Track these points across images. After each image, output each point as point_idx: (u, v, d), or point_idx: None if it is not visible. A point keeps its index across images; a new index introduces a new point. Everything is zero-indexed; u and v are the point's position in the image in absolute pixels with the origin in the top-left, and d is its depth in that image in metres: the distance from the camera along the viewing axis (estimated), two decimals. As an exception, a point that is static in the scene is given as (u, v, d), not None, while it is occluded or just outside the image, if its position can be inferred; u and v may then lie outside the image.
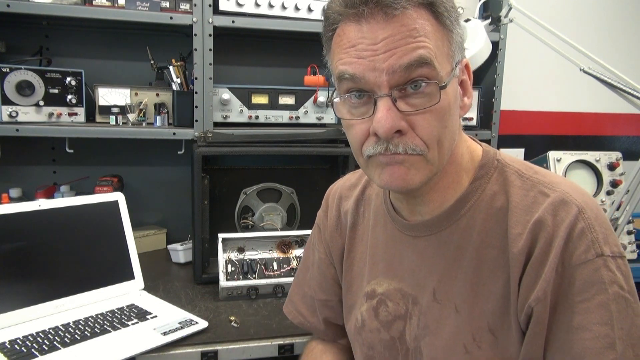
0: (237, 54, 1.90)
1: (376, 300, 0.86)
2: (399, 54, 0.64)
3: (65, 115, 1.52)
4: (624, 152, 1.81)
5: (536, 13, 1.49)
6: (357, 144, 0.72)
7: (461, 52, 0.71)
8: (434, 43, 0.65)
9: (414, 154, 0.67)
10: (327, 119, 1.73)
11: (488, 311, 0.72)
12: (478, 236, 0.74)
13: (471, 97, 0.75)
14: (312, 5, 1.63)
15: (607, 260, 0.66)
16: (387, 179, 0.70)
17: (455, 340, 0.74)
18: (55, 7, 1.45)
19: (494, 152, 0.79)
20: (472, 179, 0.76)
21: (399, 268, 0.83)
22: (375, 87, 0.66)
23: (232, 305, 1.32)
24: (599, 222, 0.68)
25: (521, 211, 0.71)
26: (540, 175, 0.74)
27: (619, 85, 1.39)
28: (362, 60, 0.65)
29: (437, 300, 0.77)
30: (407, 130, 0.67)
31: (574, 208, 0.68)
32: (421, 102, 0.66)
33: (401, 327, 0.82)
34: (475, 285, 0.73)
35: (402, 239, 0.83)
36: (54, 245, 1.23)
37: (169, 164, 1.89)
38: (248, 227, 1.57)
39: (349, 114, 0.71)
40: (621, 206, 1.49)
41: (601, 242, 0.66)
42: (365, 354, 0.88)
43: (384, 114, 0.65)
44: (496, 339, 0.71)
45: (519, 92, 2.23)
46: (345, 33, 0.67)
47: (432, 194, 0.77)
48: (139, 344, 1.07)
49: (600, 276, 0.65)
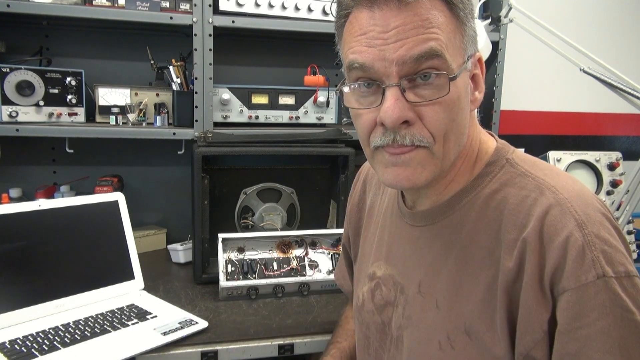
0: (237, 54, 1.90)
1: (374, 283, 0.88)
2: (409, 44, 0.63)
3: (65, 115, 1.52)
4: (624, 152, 1.81)
5: (536, 13, 1.49)
6: (365, 134, 0.71)
7: (474, 45, 0.70)
8: (446, 35, 0.64)
9: (420, 145, 0.66)
10: (327, 119, 1.73)
11: (467, 312, 0.70)
12: (467, 234, 0.72)
13: (482, 92, 0.74)
14: (312, 5, 1.63)
15: (609, 282, 0.60)
16: (392, 178, 0.70)
17: (431, 336, 0.74)
18: (55, 7, 1.45)
19: (507, 151, 0.76)
20: (477, 175, 0.75)
21: (395, 254, 0.84)
22: (384, 77, 0.65)
23: (232, 305, 1.32)
24: (601, 237, 0.62)
25: (518, 214, 0.67)
26: (548, 177, 0.70)
27: (619, 85, 1.39)
28: (372, 49, 0.65)
29: (421, 293, 0.77)
30: (414, 121, 0.66)
31: (572, 222, 0.63)
32: (430, 93, 0.65)
33: (390, 314, 0.83)
34: (457, 284, 0.72)
35: (402, 226, 0.83)
36: (54, 245, 1.23)
37: (169, 164, 1.89)
38: (248, 227, 1.57)
39: (357, 103, 0.70)
40: (621, 206, 1.49)
41: (603, 262, 0.60)
42: (363, 332, 0.91)
43: (391, 104, 0.64)
44: (471, 341, 0.69)
45: (519, 92, 2.23)
46: (357, 20, 0.66)
47: (435, 185, 0.76)
48: (139, 344, 1.07)
49: (602, 300, 0.59)
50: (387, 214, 0.90)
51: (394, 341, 0.82)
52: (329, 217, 1.67)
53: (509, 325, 0.66)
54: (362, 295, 0.91)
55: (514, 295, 0.66)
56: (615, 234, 0.64)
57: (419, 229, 0.79)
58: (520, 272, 0.65)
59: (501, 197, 0.71)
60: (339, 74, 1.96)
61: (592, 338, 0.59)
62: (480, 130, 0.79)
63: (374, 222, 0.94)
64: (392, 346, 0.82)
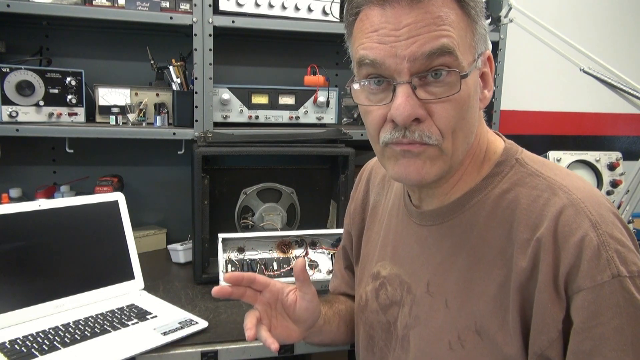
0: (237, 54, 1.90)
1: (379, 282, 0.87)
2: (421, 41, 0.63)
3: (65, 115, 1.52)
4: (624, 152, 1.81)
5: (536, 13, 1.49)
6: (374, 131, 0.71)
7: (484, 44, 0.70)
8: (457, 32, 0.64)
9: (429, 143, 0.66)
10: (327, 119, 1.73)
11: (477, 311, 0.70)
12: (478, 233, 0.72)
13: (492, 90, 0.74)
14: (312, 5, 1.63)
15: (623, 281, 0.61)
16: (402, 171, 0.69)
17: (441, 335, 0.74)
18: (55, 7, 1.45)
19: (516, 151, 0.76)
20: (486, 175, 0.75)
21: (402, 254, 0.84)
22: (395, 74, 0.65)
23: (232, 305, 1.32)
24: (615, 237, 0.63)
25: (531, 214, 0.67)
26: (559, 177, 0.70)
27: (619, 85, 1.39)
28: (383, 45, 0.64)
29: (430, 293, 0.77)
30: (425, 118, 0.66)
31: (587, 223, 0.63)
32: (441, 90, 0.65)
33: (395, 313, 0.83)
34: (468, 283, 0.72)
35: (409, 225, 0.83)
36: (54, 245, 1.23)
37: (169, 164, 1.89)
38: (248, 227, 1.57)
39: (367, 100, 0.70)
40: (621, 206, 1.49)
41: (617, 262, 0.61)
42: (367, 332, 0.90)
43: (402, 101, 0.64)
44: (482, 340, 0.69)
45: (519, 92, 2.23)
46: (369, 17, 0.66)
47: (443, 184, 0.76)
48: (139, 344, 1.07)
49: (617, 299, 0.60)
50: (392, 213, 0.89)
51: (399, 341, 0.81)
52: (329, 217, 1.67)
53: (522, 324, 0.67)
54: (366, 294, 0.91)
55: (527, 295, 0.66)
56: (626, 233, 0.65)
57: (427, 228, 0.79)
58: (534, 272, 0.65)
59: (512, 196, 0.71)
60: (339, 74, 1.96)
61: (607, 337, 0.60)
62: (487, 130, 0.79)
63: (377, 221, 0.94)
64: (398, 346, 0.82)
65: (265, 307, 0.88)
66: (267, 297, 0.88)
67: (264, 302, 0.88)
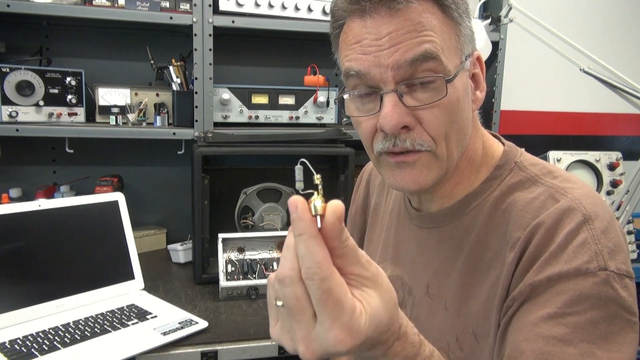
0: (237, 54, 1.90)
1: None
2: (403, 49, 0.63)
3: (65, 115, 1.52)
4: (624, 152, 1.81)
5: (536, 13, 1.49)
6: (367, 141, 0.71)
7: (471, 44, 0.70)
8: (440, 37, 0.64)
9: (422, 149, 0.66)
10: (327, 119, 1.73)
11: (473, 313, 0.71)
12: (477, 237, 0.73)
13: (484, 91, 0.74)
14: (312, 5, 1.63)
15: (610, 276, 0.60)
16: (399, 181, 0.70)
17: (440, 337, 0.74)
18: (55, 7, 1.45)
19: (515, 154, 0.76)
20: (485, 178, 0.75)
21: (403, 256, 0.84)
22: (381, 83, 0.65)
23: (232, 305, 1.32)
24: (608, 236, 0.62)
25: (526, 214, 0.67)
26: (558, 180, 0.70)
27: (619, 85, 1.39)
28: (367, 56, 0.65)
29: (429, 295, 0.77)
30: (414, 126, 0.66)
31: (580, 216, 0.63)
32: (428, 96, 0.65)
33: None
34: (466, 286, 0.72)
35: (409, 228, 0.83)
36: (54, 245, 1.23)
37: (169, 164, 1.89)
38: (248, 227, 1.57)
39: (357, 111, 0.70)
40: (621, 206, 1.49)
41: (606, 256, 0.61)
42: None
43: (389, 110, 0.64)
44: (478, 343, 0.70)
45: (519, 92, 2.23)
46: (351, 29, 0.67)
47: (441, 188, 0.76)
48: (139, 344, 1.07)
49: (599, 291, 0.59)
50: (392, 215, 0.89)
51: None
52: (329, 217, 1.67)
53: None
54: None
55: (510, 285, 0.66)
56: (620, 235, 0.65)
57: (427, 230, 0.79)
58: (519, 260, 0.65)
59: (510, 200, 0.71)
60: (339, 74, 1.96)
61: (580, 326, 0.59)
62: (484, 133, 0.78)
63: (379, 223, 0.94)
64: None
65: None
66: None
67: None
